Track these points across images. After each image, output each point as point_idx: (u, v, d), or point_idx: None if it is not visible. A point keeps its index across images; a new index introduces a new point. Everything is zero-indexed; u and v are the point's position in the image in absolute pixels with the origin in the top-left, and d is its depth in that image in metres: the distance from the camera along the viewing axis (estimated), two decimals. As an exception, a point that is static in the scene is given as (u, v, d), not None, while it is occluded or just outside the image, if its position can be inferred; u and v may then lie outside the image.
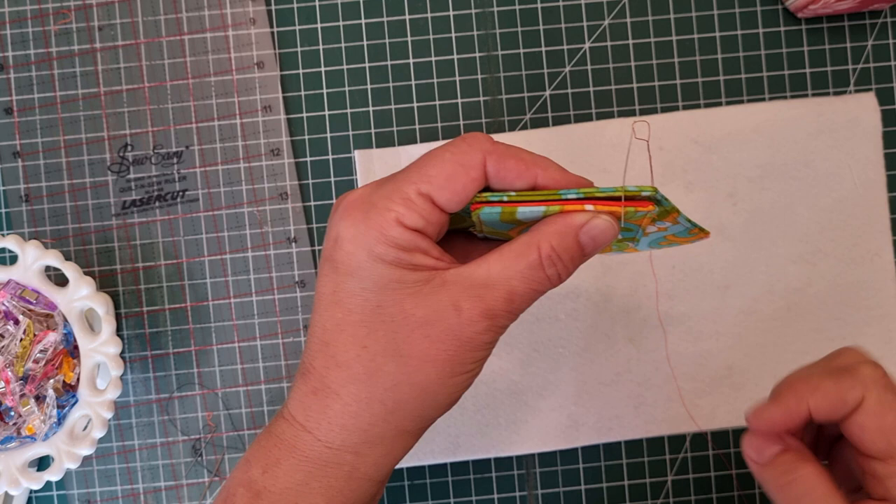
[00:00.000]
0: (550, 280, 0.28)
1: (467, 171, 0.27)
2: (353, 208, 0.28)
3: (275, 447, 0.29)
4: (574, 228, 0.27)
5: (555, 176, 0.28)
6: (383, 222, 0.27)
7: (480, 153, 0.28)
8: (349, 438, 0.28)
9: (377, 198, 0.28)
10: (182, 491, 0.43)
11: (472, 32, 0.43)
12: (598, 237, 0.28)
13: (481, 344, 0.28)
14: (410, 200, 0.27)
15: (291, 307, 0.43)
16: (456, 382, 0.28)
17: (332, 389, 0.28)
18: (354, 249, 0.27)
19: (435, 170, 0.27)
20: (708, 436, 0.43)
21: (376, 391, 0.28)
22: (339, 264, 0.28)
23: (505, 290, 0.27)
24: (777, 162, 0.42)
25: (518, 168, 0.28)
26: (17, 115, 0.43)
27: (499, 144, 0.28)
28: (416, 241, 0.27)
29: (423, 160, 0.28)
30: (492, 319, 0.27)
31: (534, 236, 0.28)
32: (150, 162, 0.43)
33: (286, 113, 0.43)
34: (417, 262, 0.27)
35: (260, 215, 0.43)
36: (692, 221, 0.29)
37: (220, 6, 0.43)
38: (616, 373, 0.42)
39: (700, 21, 0.43)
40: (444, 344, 0.27)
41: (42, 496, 0.43)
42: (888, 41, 0.43)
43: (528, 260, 0.27)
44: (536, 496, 0.43)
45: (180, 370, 0.43)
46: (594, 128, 0.42)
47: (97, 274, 0.43)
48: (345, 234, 0.28)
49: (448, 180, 0.27)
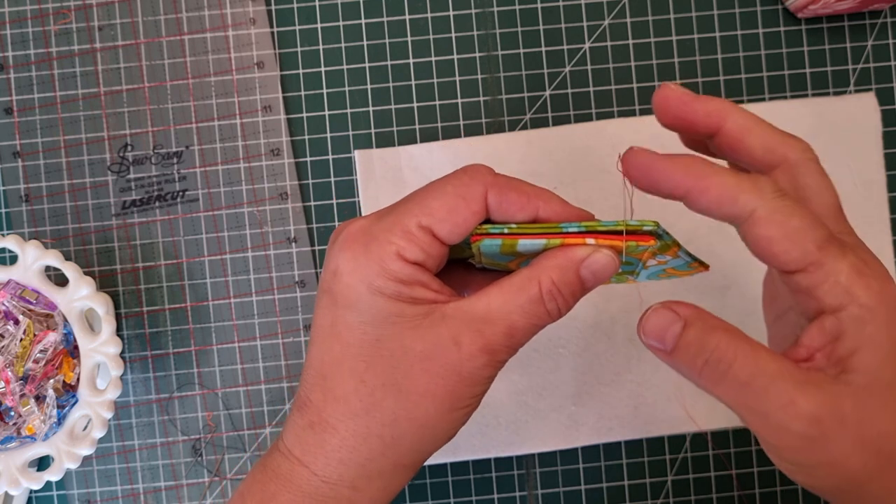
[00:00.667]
0: (550, 314, 0.28)
1: (468, 204, 0.27)
2: (352, 240, 0.28)
3: (270, 482, 0.29)
4: (575, 263, 0.27)
5: (556, 209, 0.28)
6: (384, 255, 0.27)
7: (482, 186, 0.27)
8: (347, 473, 0.28)
9: (377, 230, 0.27)
10: (182, 491, 0.43)
11: (472, 32, 0.43)
12: (599, 272, 0.27)
13: (481, 379, 0.27)
14: (411, 233, 0.27)
15: (291, 307, 0.43)
16: (454, 417, 0.28)
17: (329, 423, 0.28)
18: (354, 282, 0.27)
19: (436, 202, 0.27)
20: (708, 436, 0.43)
21: (374, 426, 0.27)
22: (339, 297, 0.28)
23: (505, 325, 0.27)
24: None
25: (520, 200, 0.28)
26: (17, 115, 0.43)
27: (500, 177, 0.28)
28: (417, 274, 0.27)
29: (423, 192, 0.28)
30: (491, 355, 0.27)
31: (534, 270, 0.27)
32: (150, 162, 0.43)
33: (286, 113, 0.43)
34: (417, 296, 0.27)
35: (260, 215, 0.43)
36: (692, 255, 0.29)
37: (220, 6, 0.43)
38: (616, 373, 0.42)
39: (700, 21, 0.43)
40: (444, 379, 0.27)
41: (42, 496, 0.43)
42: (888, 41, 0.43)
43: (529, 294, 0.27)
44: (536, 496, 0.43)
45: (180, 370, 0.43)
46: (594, 128, 0.42)
47: (97, 274, 0.43)
48: (344, 266, 0.27)
49: (449, 213, 0.27)
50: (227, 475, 0.43)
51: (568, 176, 0.42)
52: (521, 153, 0.42)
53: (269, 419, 0.43)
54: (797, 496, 0.43)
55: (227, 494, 0.43)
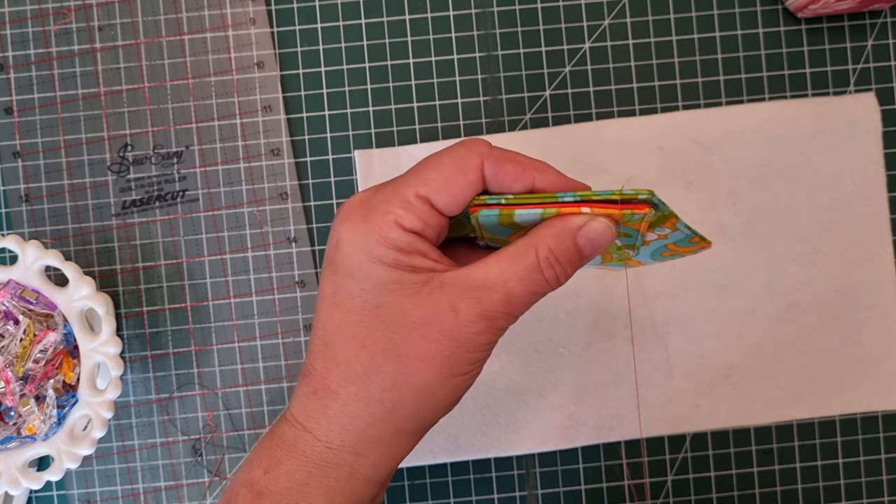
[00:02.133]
0: (549, 282, 0.28)
1: (465, 174, 0.28)
2: (352, 212, 0.28)
3: (276, 447, 0.29)
4: (572, 231, 0.28)
5: (552, 179, 0.29)
6: (382, 224, 0.28)
7: (478, 157, 0.28)
8: (348, 438, 0.28)
9: (376, 201, 0.28)
10: (182, 491, 0.43)
11: (472, 32, 0.43)
12: (596, 239, 0.28)
13: (479, 345, 0.28)
14: (409, 203, 0.28)
15: (291, 307, 0.43)
16: (454, 383, 0.28)
17: (331, 389, 0.28)
18: (354, 251, 0.28)
19: (433, 173, 0.28)
20: (708, 436, 0.43)
21: (375, 391, 0.28)
22: (340, 266, 0.28)
23: (503, 292, 0.27)
24: (777, 162, 0.42)
25: (515, 171, 0.28)
26: (17, 115, 0.43)
27: (496, 148, 0.29)
28: (415, 243, 0.28)
29: (421, 164, 0.29)
30: (489, 321, 0.28)
31: (531, 239, 0.28)
32: (150, 162, 0.43)
33: (286, 113, 0.43)
34: (416, 264, 0.28)
35: (260, 215, 0.43)
36: (692, 229, 0.29)
37: (220, 6, 0.43)
38: (616, 373, 0.42)
39: (700, 21, 0.43)
40: (442, 344, 0.27)
41: (42, 496, 0.43)
42: (888, 41, 0.43)
43: (526, 262, 0.28)
44: (536, 496, 0.43)
45: (180, 370, 0.43)
46: (594, 128, 0.42)
47: (97, 274, 0.43)
48: (345, 236, 0.28)
49: (446, 183, 0.28)
50: (227, 475, 0.43)
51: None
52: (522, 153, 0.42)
53: (269, 419, 0.43)
54: (797, 496, 0.43)
55: (227, 494, 0.43)
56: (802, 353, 0.42)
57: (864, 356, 0.42)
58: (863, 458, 0.43)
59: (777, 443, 0.43)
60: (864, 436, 0.43)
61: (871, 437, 0.43)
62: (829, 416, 0.43)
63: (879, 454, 0.43)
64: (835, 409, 0.42)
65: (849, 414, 0.43)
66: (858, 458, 0.43)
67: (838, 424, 0.43)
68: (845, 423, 0.43)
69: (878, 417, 0.43)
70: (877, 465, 0.43)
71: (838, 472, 0.43)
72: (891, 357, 0.42)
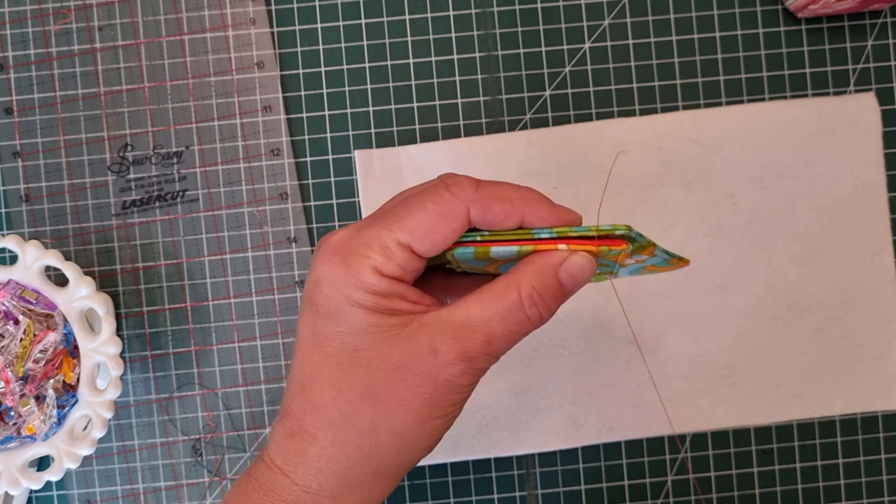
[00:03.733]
0: (531, 320, 0.28)
1: (448, 223, 0.27)
2: (332, 252, 0.28)
3: (254, 491, 0.29)
4: (553, 266, 0.27)
5: (542, 213, 0.28)
6: (361, 269, 0.27)
7: (463, 203, 0.27)
8: (326, 482, 0.28)
9: (356, 244, 0.28)
10: (182, 491, 0.43)
11: (472, 32, 0.43)
12: (578, 274, 0.27)
13: (459, 387, 0.28)
14: (389, 250, 0.27)
15: (291, 307, 0.43)
16: (434, 426, 0.28)
17: (308, 433, 0.28)
18: (333, 293, 0.27)
19: (415, 221, 0.27)
20: (708, 436, 0.43)
21: (353, 435, 0.27)
22: (319, 307, 0.28)
23: (484, 333, 0.27)
24: (777, 162, 0.42)
25: (504, 210, 0.28)
26: (17, 115, 0.43)
27: (482, 188, 0.28)
28: (394, 287, 0.27)
29: (404, 207, 0.28)
30: (469, 362, 0.27)
31: (513, 276, 0.28)
32: (150, 162, 0.43)
33: (286, 113, 0.43)
34: (395, 307, 0.27)
35: (260, 215, 0.43)
36: (670, 252, 0.29)
37: (220, 6, 0.43)
38: (616, 373, 0.42)
39: (700, 21, 0.43)
40: (421, 388, 0.27)
41: (42, 496, 0.43)
42: (888, 41, 0.43)
43: (508, 301, 0.27)
44: (536, 496, 0.43)
45: (180, 370, 0.43)
46: (594, 128, 0.42)
47: (97, 274, 0.43)
48: (324, 277, 0.28)
49: (428, 232, 0.27)
50: (227, 475, 0.43)
51: (568, 176, 0.42)
52: (521, 153, 0.42)
53: (269, 419, 0.43)
54: (797, 496, 0.43)
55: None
56: (802, 353, 0.42)
57: (864, 356, 0.42)
58: (863, 459, 0.43)
59: (777, 443, 0.43)
60: (864, 436, 0.43)
61: (871, 438, 0.43)
62: (830, 417, 0.43)
63: (879, 454, 0.43)
64: (835, 409, 0.42)
65: (849, 414, 0.43)
66: (858, 459, 0.43)
67: (838, 424, 0.43)
68: (845, 423, 0.43)
69: (878, 417, 0.43)
70: (877, 465, 0.43)
71: (838, 472, 0.43)
72: (891, 357, 0.42)
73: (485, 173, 0.41)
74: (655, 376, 0.42)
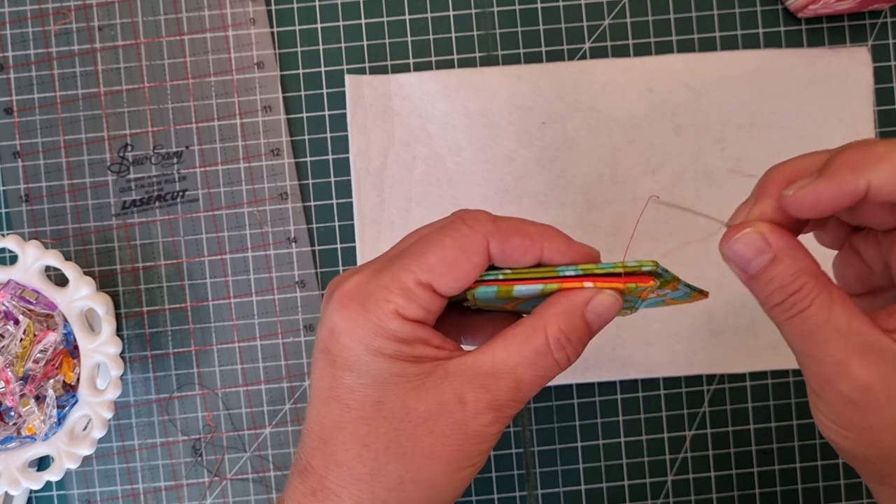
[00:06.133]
0: (559, 364, 0.27)
1: (469, 257, 0.26)
2: (348, 299, 0.26)
3: None
4: (579, 307, 0.26)
5: (560, 248, 0.27)
6: (382, 315, 0.26)
7: (482, 237, 0.26)
8: None
9: (374, 288, 0.26)
10: (182, 491, 0.43)
11: (472, 32, 0.43)
12: (605, 314, 0.27)
13: (487, 436, 0.27)
14: (410, 291, 0.26)
15: (291, 307, 0.43)
16: (462, 476, 0.27)
17: (332, 490, 0.27)
18: (352, 343, 0.26)
19: (435, 258, 0.26)
20: (708, 436, 0.43)
21: (380, 491, 0.26)
22: (337, 358, 0.26)
23: (512, 380, 0.26)
24: (767, 110, 0.42)
25: (524, 244, 0.27)
26: (17, 115, 0.43)
27: (500, 222, 0.27)
28: (417, 331, 0.26)
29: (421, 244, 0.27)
30: (498, 410, 0.26)
31: (538, 319, 0.26)
32: (150, 162, 0.43)
33: (286, 113, 0.43)
34: (419, 354, 0.26)
35: (260, 215, 0.43)
36: (691, 286, 0.29)
37: (220, 6, 0.43)
38: None
39: (700, 21, 0.43)
40: (450, 439, 0.26)
41: (42, 496, 0.43)
42: (888, 41, 0.43)
43: (535, 345, 0.26)
44: (536, 496, 0.43)
45: (180, 370, 0.43)
46: (585, 66, 0.42)
47: (97, 274, 0.43)
48: (341, 326, 0.26)
49: (449, 268, 0.26)
50: (227, 475, 0.43)
51: (556, 112, 0.42)
52: (512, 87, 0.42)
53: (269, 419, 0.43)
54: (797, 496, 0.43)
55: (227, 494, 0.43)
56: None
57: None
58: (863, 458, 0.43)
59: (777, 443, 0.43)
60: (864, 436, 0.43)
61: (871, 437, 0.43)
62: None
63: (879, 454, 0.43)
64: None
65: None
66: (858, 458, 0.43)
67: (838, 424, 0.43)
68: (845, 423, 0.43)
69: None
70: (877, 465, 0.43)
71: (838, 472, 0.43)
72: None
73: (475, 105, 0.42)
74: (635, 318, 0.41)
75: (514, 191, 0.42)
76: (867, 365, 0.24)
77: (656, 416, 0.43)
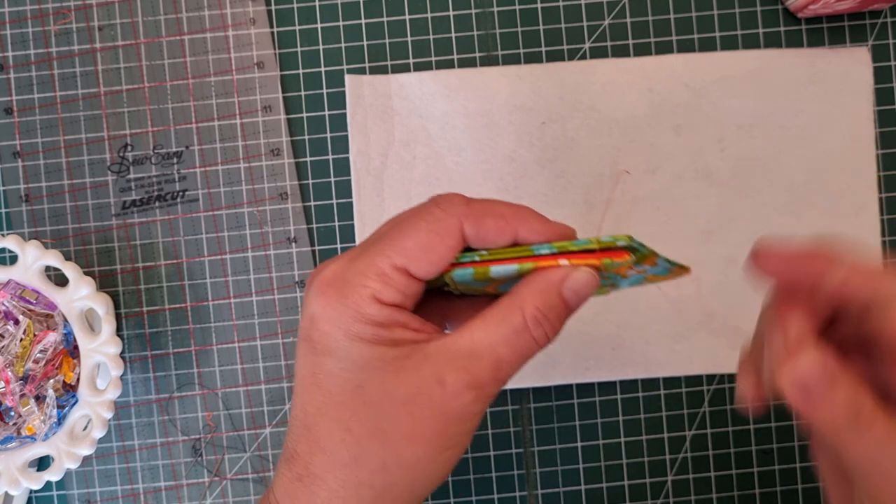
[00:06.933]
0: (538, 342, 0.27)
1: (444, 240, 0.27)
2: (326, 286, 0.27)
3: None
4: (555, 284, 0.27)
5: (536, 227, 0.27)
6: (359, 300, 0.26)
7: (456, 219, 0.27)
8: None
9: (351, 274, 0.27)
10: (182, 491, 0.43)
11: (472, 32, 0.43)
12: (581, 290, 0.27)
13: (469, 415, 0.27)
14: (386, 275, 0.26)
15: (291, 307, 0.43)
16: (445, 457, 0.27)
17: (317, 476, 0.27)
18: (331, 329, 0.27)
19: (410, 241, 0.26)
20: (708, 436, 0.43)
21: (364, 475, 0.27)
22: (317, 344, 0.27)
23: (491, 359, 0.26)
24: (767, 110, 0.42)
25: (498, 225, 0.27)
26: (17, 115, 0.43)
27: (474, 204, 0.27)
28: (395, 315, 0.27)
29: (396, 230, 0.27)
30: (478, 390, 0.26)
31: (515, 298, 0.27)
32: (150, 162, 0.43)
33: (286, 113, 0.43)
34: (397, 338, 0.27)
35: (260, 215, 0.43)
36: (671, 261, 0.29)
37: (220, 6, 0.43)
38: (595, 312, 0.42)
39: (700, 21, 0.43)
40: (430, 420, 0.26)
41: (42, 496, 0.43)
42: (888, 41, 0.43)
43: (513, 324, 0.26)
44: (536, 496, 0.43)
45: (180, 370, 0.43)
46: (585, 66, 0.42)
47: (97, 274, 0.43)
48: (320, 313, 0.27)
49: (424, 251, 0.26)
50: (227, 475, 0.43)
51: (556, 112, 0.42)
52: (512, 87, 0.42)
53: (269, 419, 0.43)
54: (797, 496, 0.43)
55: (227, 494, 0.43)
56: None
57: None
58: (863, 458, 0.43)
59: (777, 443, 0.43)
60: (864, 436, 0.43)
61: (871, 437, 0.43)
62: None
63: (879, 454, 0.43)
64: None
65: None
66: (858, 458, 0.43)
67: (838, 424, 0.43)
68: (845, 423, 0.43)
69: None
70: (877, 465, 0.43)
71: (838, 472, 0.43)
72: None
73: (475, 105, 0.42)
74: (635, 318, 0.42)
75: (514, 191, 0.42)
76: None
77: (656, 416, 0.43)
